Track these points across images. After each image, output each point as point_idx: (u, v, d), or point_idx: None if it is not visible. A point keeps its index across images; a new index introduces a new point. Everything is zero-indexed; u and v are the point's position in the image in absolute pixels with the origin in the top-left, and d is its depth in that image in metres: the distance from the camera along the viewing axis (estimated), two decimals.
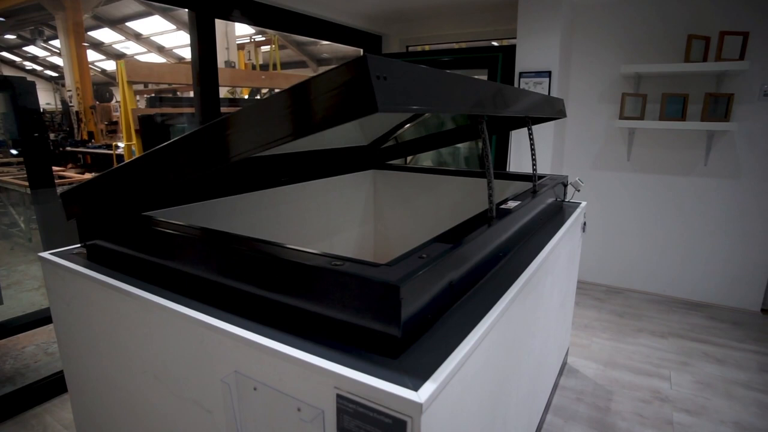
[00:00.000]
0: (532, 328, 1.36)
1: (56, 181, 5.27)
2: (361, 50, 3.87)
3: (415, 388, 0.66)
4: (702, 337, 2.65)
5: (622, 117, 3.08)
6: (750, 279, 3.01)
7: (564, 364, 2.36)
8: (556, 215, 1.88)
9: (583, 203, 2.15)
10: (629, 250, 3.37)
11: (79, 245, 1.36)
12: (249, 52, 8.31)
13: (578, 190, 2.14)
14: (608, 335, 2.68)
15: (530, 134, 1.77)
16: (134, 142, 2.96)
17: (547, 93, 3.11)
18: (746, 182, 2.91)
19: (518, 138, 3.18)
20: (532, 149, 1.76)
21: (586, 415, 1.95)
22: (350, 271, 0.80)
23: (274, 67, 8.32)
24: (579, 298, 3.18)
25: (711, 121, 2.80)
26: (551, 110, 1.78)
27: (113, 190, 1.14)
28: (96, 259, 1.27)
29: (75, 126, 8.53)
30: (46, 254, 1.31)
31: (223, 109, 4.31)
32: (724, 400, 2.06)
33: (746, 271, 3.01)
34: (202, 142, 0.89)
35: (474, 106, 1.00)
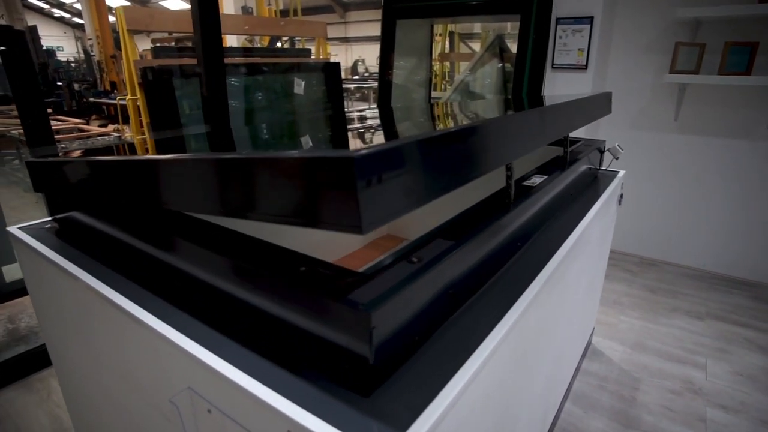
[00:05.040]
0: (553, 325, 1.19)
1: (76, 134, 5.26)
2: None
3: None
4: (744, 321, 2.41)
5: (673, 71, 2.70)
6: None
7: (588, 344, 2.19)
8: (588, 188, 1.65)
9: (622, 173, 1.89)
10: (667, 218, 3.08)
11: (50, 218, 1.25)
12: None
13: (616, 158, 1.88)
14: (638, 313, 2.48)
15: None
16: (138, 96, 2.81)
17: (587, 42, 2.75)
18: None
19: (549, 90, 2.86)
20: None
21: (608, 405, 1.81)
22: (314, 280, 0.64)
23: (295, 12, 7.89)
24: (608, 270, 2.96)
25: None
26: (595, 114, 1.53)
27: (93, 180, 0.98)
28: (66, 236, 1.15)
29: (98, 76, 8.45)
30: (13, 229, 1.20)
31: (238, 60, 4.07)
32: (766, 396, 1.86)
33: None
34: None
35: (499, 162, 0.80)
